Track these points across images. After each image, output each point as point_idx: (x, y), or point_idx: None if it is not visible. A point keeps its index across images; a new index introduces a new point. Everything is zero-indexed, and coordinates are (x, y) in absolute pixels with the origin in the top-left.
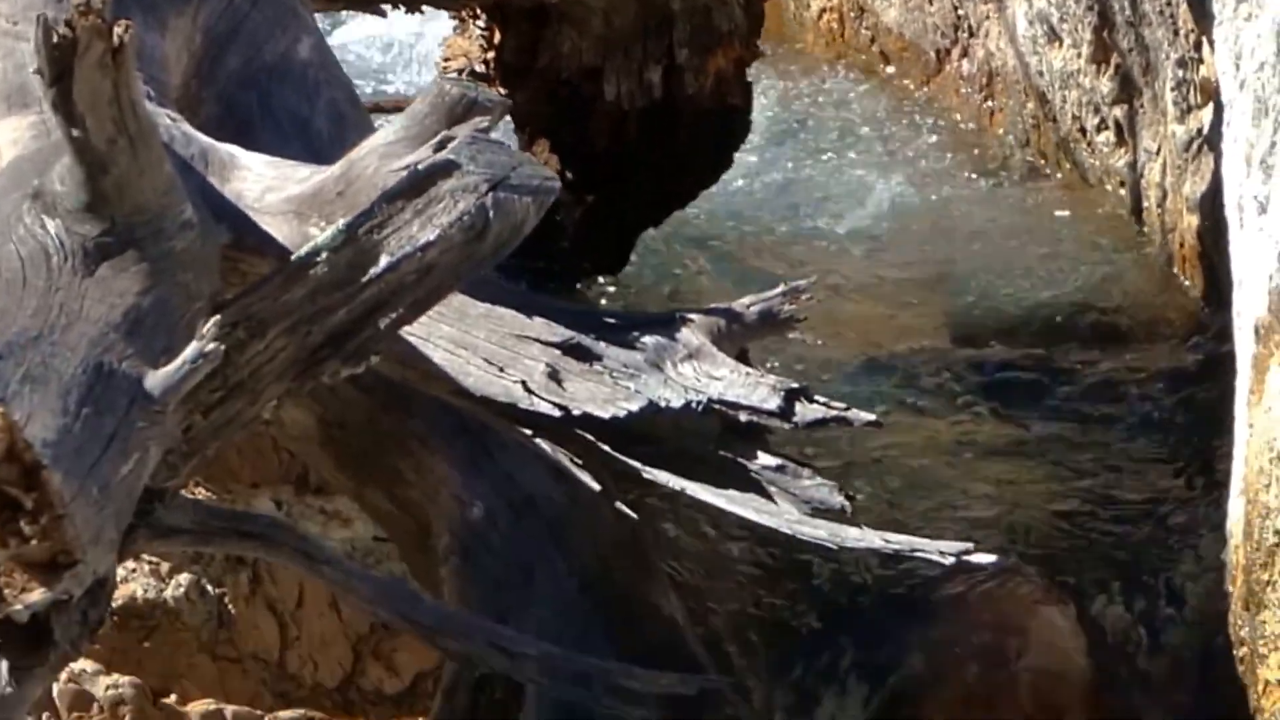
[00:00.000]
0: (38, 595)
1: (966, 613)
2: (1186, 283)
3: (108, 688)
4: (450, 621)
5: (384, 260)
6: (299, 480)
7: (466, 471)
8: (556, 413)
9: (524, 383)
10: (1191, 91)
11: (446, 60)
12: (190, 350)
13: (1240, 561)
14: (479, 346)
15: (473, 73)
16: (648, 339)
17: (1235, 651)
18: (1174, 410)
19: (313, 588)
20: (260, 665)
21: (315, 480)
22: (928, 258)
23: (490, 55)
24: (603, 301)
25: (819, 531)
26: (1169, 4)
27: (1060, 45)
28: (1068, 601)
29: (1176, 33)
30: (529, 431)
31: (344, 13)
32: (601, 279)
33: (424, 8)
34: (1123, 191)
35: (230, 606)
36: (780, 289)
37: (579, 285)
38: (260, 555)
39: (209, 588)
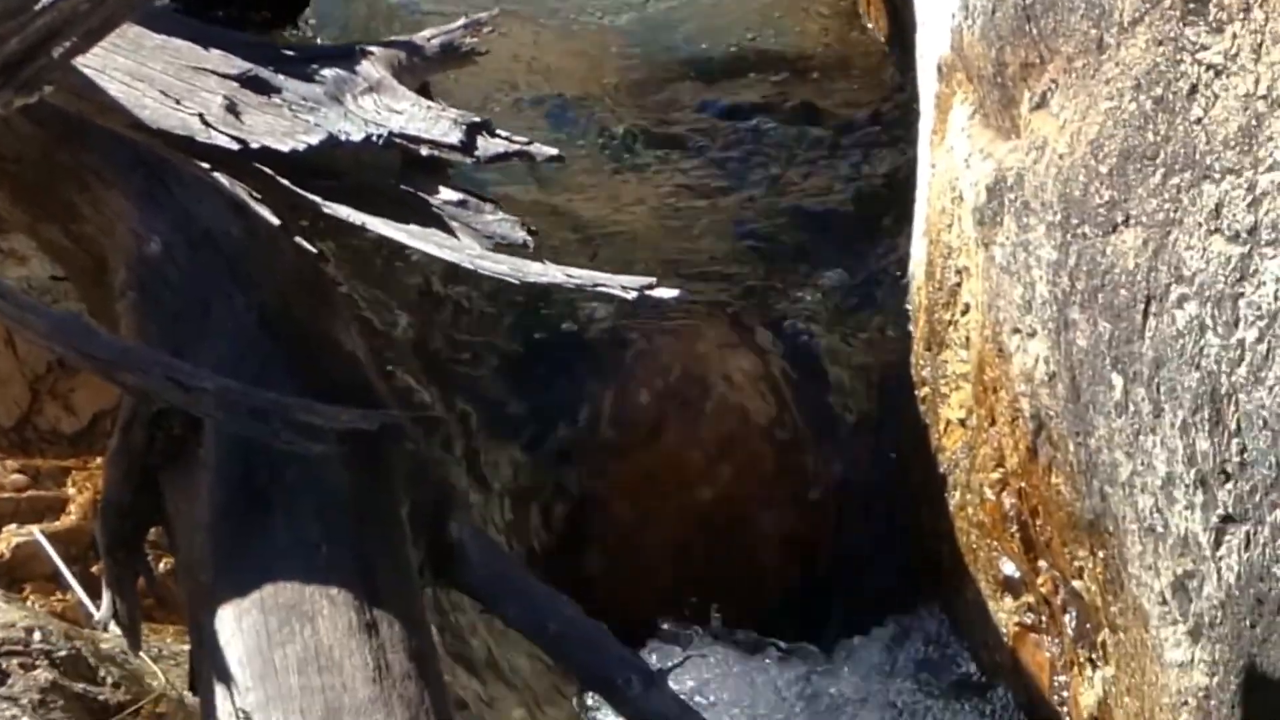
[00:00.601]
0: None
1: (651, 352)
2: (871, 24)
3: None
4: (126, 356)
5: None
6: None
7: (143, 206)
8: (234, 145)
9: (201, 115)
10: None
11: None
12: None
13: (923, 302)
14: (155, 78)
15: None
16: (327, 72)
17: (917, 391)
18: (860, 153)
19: None
20: None
21: None
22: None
23: None
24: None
25: (501, 266)
26: None
27: None
28: (752, 340)
29: None
30: (206, 165)
31: None
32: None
33: None
34: None
35: None
36: (461, 21)
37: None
38: None
39: None
